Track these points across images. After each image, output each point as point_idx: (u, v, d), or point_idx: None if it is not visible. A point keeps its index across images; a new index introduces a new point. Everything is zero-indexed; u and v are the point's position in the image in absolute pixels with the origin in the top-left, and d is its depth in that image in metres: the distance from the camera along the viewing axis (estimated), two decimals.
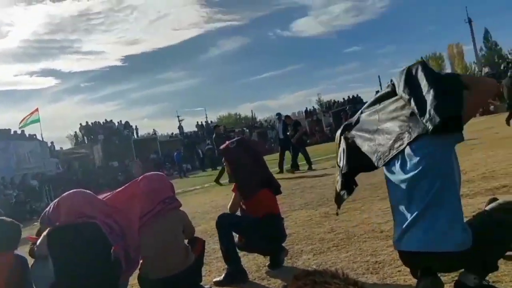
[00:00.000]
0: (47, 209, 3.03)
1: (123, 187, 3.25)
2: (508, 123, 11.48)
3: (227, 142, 3.83)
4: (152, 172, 3.50)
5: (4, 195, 14.86)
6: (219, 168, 13.45)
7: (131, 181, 3.35)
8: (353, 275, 2.94)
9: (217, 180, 12.73)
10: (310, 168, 12.16)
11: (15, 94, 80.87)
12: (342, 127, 2.67)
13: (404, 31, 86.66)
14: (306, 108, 42.98)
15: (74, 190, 3.08)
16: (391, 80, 2.37)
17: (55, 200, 2.99)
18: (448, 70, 59.41)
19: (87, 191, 3.13)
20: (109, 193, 3.22)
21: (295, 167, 12.56)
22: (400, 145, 2.16)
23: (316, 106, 48.52)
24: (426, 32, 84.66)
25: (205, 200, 9.92)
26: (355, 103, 36.75)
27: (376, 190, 6.16)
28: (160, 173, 3.63)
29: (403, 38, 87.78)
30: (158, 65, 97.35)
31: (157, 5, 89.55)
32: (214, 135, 14.32)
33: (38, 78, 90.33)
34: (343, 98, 39.29)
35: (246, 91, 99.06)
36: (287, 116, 14.37)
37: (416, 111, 2.11)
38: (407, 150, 2.13)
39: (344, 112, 25.20)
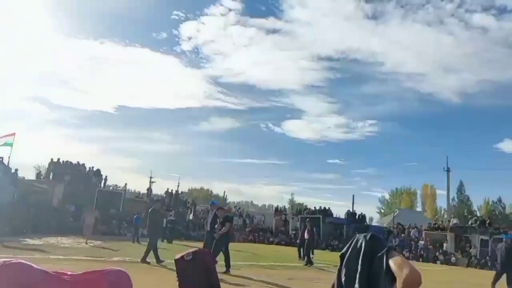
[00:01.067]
0: None
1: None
2: (492, 286, 12.07)
3: (184, 252, 3.51)
4: (116, 271, 3.14)
5: None
6: (176, 242, 12.76)
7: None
8: None
9: (143, 260, 12.07)
10: (227, 271, 11.15)
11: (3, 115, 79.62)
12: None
13: (385, 159, 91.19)
14: (278, 206, 42.94)
15: (12, 262, 2.74)
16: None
17: None
18: (419, 208, 61.27)
19: (30, 266, 2.78)
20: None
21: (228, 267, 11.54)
22: None
23: (287, 206, 48.61)
24: (406, 165, 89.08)
25: (149, 279, 9.25)
26: (325, 214, 36.86)
27: None
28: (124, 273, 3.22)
29: (383, 166, 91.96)
30: (148, 123, 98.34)
31: (165, 68, 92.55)
32: (151, 209, 14.06)
33: (27, 103, 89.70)
34: (314, 207, 39.43)
35: (224, 170, 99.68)
36: (220, 208, 13.58)
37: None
38: None
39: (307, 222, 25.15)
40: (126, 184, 39.27)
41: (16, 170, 25.69)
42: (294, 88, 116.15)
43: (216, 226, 12.08)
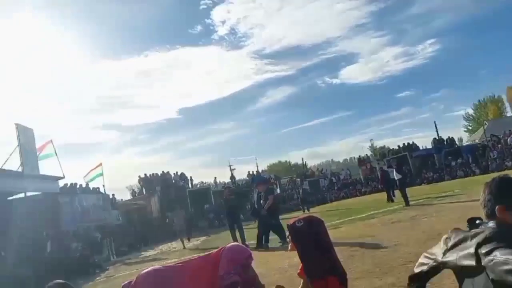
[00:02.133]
0: (126, 283, 3.20)
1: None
2: None
3: (295, 219, 3.77)
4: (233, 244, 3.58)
5: (69, 248, 15.51)
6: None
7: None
8: None
9: (258, 244, 11.63)
10: (283, 243, 10.85)
11: (80, 148, 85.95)
12: None
13: (457, 75, 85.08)
14: (359, 155, 42.26)
15: (148, 271, 3.21)
16: None
17: (133, 280, 3.13)
18: (509, 113, 56.82)
19: (162, 271, 3.24)
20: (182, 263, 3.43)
21: (260, 242, 11.48)
22: None
23: (369, 153, 47.70)
24: (480, 75, 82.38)
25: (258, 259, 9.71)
26: (410, 150, 35.72)
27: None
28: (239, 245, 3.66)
29: (457, 82, 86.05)
30: (210, 116, 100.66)
31: (209, 60, 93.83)
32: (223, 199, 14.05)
33: (101, 131, 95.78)
34: (398, 145, 38.31)
35: (295, 138, 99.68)
36: (258, 183, 13.45)
37: None
38: None
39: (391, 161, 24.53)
40: (215, 177, 41.01)
41: (113, 195, 28.01)
42: (339, 34, 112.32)
43: (261, 202, 11.91)
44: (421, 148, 37.19)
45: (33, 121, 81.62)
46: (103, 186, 26.04)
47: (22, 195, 18.29)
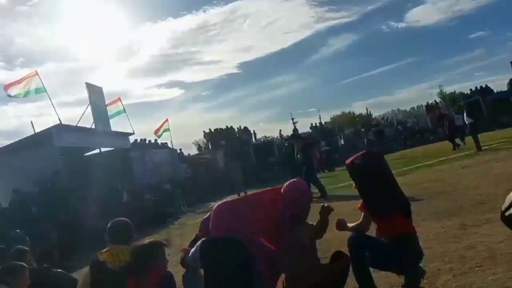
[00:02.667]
0: (206, 216, 3.39)
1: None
2: None
3: (352, 157, 3.69)
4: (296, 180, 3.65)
5: (143, 200, 16.55)
6: (337, 170, 12.65)
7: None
8: None
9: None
10: (323, 196, 10.81)
11: (147, 106, 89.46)
12: None
13: None
14: (427, 102, 40.17)
15: (223, 202, 3.36)
16: None
17: (212, 210, 3.28)
18: None
19: (237, 201, 3.39)
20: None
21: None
22: None
23: (438, 99, 45.23)
24: None
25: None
26: (484, 94, 33.39)
27: None
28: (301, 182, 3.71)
29: None
30: (271, 69, 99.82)
31: (268, 10, 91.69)
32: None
33: (165, 89, 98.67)
34: (470, 89, 35.87)
35: (359, 88, 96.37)
36: (291, 137, 13.31)
37: None
38: None
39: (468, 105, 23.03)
40: (280, 130, 41.20)
41: (181, 149, 29.18)
42: None
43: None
44: (495, 91, 34.60)
45: (102, 80, 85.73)
46: (171, 141, 27.24)
47: (97, 151, 19.63)
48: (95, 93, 18.21)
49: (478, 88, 34.60)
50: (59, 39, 77.30)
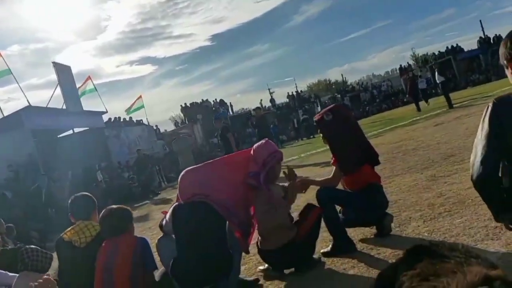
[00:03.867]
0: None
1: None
2: None
3: (321, 112, 3.69)
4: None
5: (121, 177, 16.39)
6: (316, 136, 12.68)
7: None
8: (470, 242, 2.78)
9: None
10: None
11: (119, 84, 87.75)
12: None
13: None
14: (400, 65, 40.52)
15: (187, 169, 3.31)
16: None
17: (178, 180, 3.26)
18: None
19: (200, 168, 3.34)
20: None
21: None
22: None
23: (411, 62, 45.61)
24: None
25: (304, 170, 9.95)
26: (455, 53, 33.82)
27: None
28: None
29: None
30: (244, 40, 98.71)
31: None
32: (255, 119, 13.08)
33: (137, 66, 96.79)
34: (439, 51, 36.27)
35: (333, 55, 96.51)
36: (216, 119, 12.89)
37: None
38: None
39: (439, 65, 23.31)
40: (261, 100, 41.19)
41: (157, 126, 28.86)
42: None
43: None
44: (466, 50, 35.10)
45: (70, 60, 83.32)
46: (146, 118, 26.84)
47: (70, 131, 19.21)
48: (63, 73, 17.67)
49: (449, 48, 35.00)
50: (22, 20, 74.45)
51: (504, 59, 2.00)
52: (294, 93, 41.16)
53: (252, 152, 3.43)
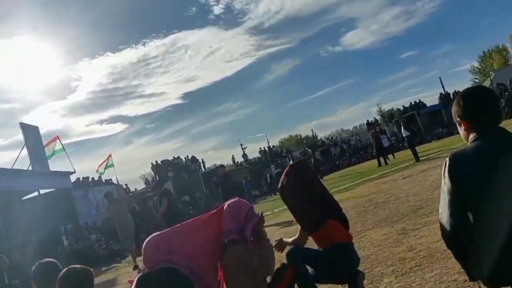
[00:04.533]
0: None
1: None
2: None
3: (282, 176, 3.66)
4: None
5: (88, 239, 15.77)
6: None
7: (201, 214, 3.46)
8: None
9: None
10: None
11: (89, 143, 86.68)
12: None
13: (459, 28, 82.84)
14: (367, 120, 41.95)
15: (152, 235, 3.20)
16: None
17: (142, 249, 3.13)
18: None
19: (165, 233, 3.22)
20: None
21: None
22: None
23: (378, 117, 47.29)
24: (482, 25, 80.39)
25: (276, 227, 9.84)
26: (418, 108, 35.35)
27: None
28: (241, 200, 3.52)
29: (460, 36, 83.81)
30: (215, 98, 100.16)
31: (208, 41, 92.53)
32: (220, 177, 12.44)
33: (108, 125, 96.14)
34: (403, 106, 37.90)
35: (303, 111, 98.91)
36: (155, 186, 12.33)
37: None
38: None
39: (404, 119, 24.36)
40: (233, 155, 41.28)
41: (126, 185, 28.26)
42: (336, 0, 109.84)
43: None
44: (428, 106, 36.83)
45: (38, 121, 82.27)
46: (116, 177, 26.32)
47: (36, 193, 18.55)
48: (30, 133, 17.36)
49: (413, 103, 36.59)
50: None
51: (457, 117, 2.10)
52: (266, 148, 41.58)
53: (226, 210, 3.31)
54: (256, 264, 3.05)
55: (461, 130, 2.12)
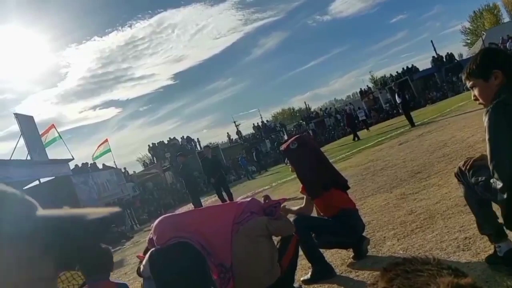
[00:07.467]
0: (151, 231, 3.32)
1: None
2: None
3: (287, 142, 3.80)
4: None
5: None
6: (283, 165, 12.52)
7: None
8: (443, 255, 2.89)
9: None
10: None
11: (84, 129, 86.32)
12: None
13: None
14: (360, 88, 41.91)
15: (165, 215, 3.31)
16: None
17: (153, 225, 3.23)
18: (506, 19, 55.32)
19: (178, 214, 3.33)
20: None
21: None
22: None
23: (370, 84, 47.26)
24: None
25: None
26: (411, 73, 35.31)
27: (451, 161, 5.96)
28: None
29: None
30: (206, 76, 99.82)
31: (195, 18, 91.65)
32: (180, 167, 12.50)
33: (101, 110, 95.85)
34: (397, 72, 37.82)
35: (295, 84, 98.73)
36: (179, 155, 12.92)
37: None
38: None
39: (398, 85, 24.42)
40: (228, 133, 41.30)
41: (125, 168, 28.41)
42: None
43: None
44: (421, 70, 36.76)
45: (32, 110, 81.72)
46: (114, 162, 26.41)
47: (36, 182, 18.61)
48: (26, 123, 17.31)
49: (405, 68, 36.52)
50: None
51: (496, 69, 2.11)
52: (260, 124, 41.62)
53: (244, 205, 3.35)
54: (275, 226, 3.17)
55: (488, 84, 2.13)
